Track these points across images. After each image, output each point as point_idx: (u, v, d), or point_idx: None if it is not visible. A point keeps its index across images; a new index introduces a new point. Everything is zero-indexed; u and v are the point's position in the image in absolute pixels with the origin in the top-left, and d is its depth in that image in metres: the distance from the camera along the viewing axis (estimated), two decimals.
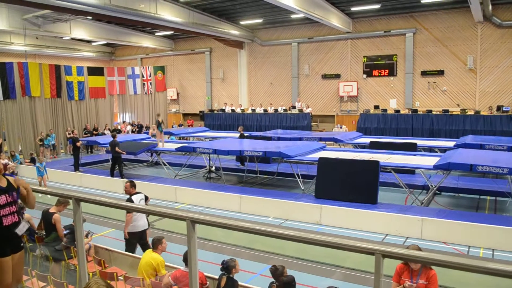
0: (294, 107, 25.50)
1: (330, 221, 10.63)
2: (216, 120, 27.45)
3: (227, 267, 5.47)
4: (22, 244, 3.69)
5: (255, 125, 25.61)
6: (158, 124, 17.41)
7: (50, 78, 22.85)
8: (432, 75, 22.79)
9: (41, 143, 21.41)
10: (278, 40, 27.32)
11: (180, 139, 22.95)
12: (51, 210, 7.07)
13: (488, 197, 12.82)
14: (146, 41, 30.03)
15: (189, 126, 28.70)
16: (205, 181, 15.89)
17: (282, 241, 2.57)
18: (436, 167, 11.32)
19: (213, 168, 16.86)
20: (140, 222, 7.69)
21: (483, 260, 1.94)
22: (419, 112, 21.40)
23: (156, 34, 29.87)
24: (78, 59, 32.18)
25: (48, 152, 21.69)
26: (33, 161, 18.78)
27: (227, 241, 9.24)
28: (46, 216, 7.07)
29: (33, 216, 8.13)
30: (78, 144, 17.75)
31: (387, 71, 24.08)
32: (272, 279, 5.46)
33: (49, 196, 11.34)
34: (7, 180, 3.62)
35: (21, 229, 3.51)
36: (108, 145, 16.53)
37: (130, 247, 7.73)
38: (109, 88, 26.29)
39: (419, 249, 4.40)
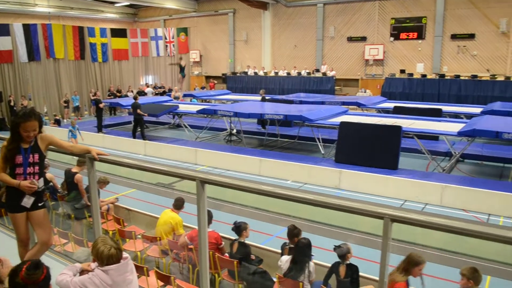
0: (317, 71, 25.06)
1: (349, 185, 10.59)
2: (238, 83, 27.25)
3: (238, 227, 5.54)
4: (40, 204, 3.59)
5: (277, 89, 25.32)
6: (181, 69, 16.91)
7: (74, 40, 22.96)
8: (462, 39, 21.90)
9: (65, 104, 21.77)
10: (304, 1, 26.53)
11: (202, 101, 22.98)
12: (73, 170, 7.23)
13: None
14: (169, 2, 29.60)
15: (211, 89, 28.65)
16: (225, 144, 15.95)
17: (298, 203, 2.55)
18: (460, 133, 11.06)
19: (234, 131, 16.88)
20: None
21: (503, 228, 1.88)
22: (446, 77, 20.74)
23: None
24: (101, 21, 32.08)
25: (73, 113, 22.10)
26: (57, 122, 19.16)
27: (244, 203, 9.32)
28: (68, 175, 7.25)
29: (56, 176, 8.33)
30: (101, 105, 17.98)
31: (415, 34, 23.23)
32: (285, 241, 5.50)
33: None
34: (35, 140, 3.53)
35: (26, 202, 3.51)
36: (130, 107, 16.66)
37: None
38: (132, 50, 26.28)
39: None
